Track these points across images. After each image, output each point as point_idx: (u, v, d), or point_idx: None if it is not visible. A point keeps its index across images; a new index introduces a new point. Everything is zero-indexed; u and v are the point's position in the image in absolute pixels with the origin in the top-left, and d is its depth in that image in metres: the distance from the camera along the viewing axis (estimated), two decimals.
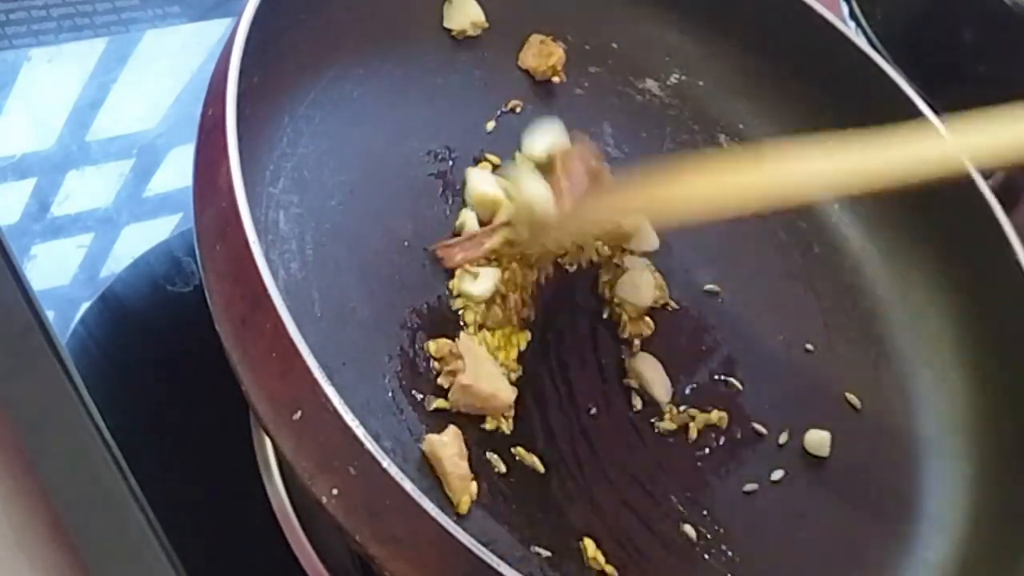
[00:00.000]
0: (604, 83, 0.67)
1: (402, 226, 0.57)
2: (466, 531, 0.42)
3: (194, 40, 0.68)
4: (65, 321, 0.55)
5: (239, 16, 0.51)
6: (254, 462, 0.52)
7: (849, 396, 0.62)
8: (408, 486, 0.42)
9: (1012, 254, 0.62)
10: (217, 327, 0.47)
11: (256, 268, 0.45)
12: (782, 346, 0.63)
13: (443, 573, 0.43)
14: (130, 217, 0.60)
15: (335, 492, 0.44)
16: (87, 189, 0.60)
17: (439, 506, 0.42)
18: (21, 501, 0.52)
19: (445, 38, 0.64)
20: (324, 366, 0.43)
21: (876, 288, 0.67)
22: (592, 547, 0.51)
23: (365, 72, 0.60)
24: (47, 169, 0.60)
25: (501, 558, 0.42)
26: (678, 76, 0.70)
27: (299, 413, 0.44)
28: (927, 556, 0.57)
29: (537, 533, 0.50)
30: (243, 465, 0.52)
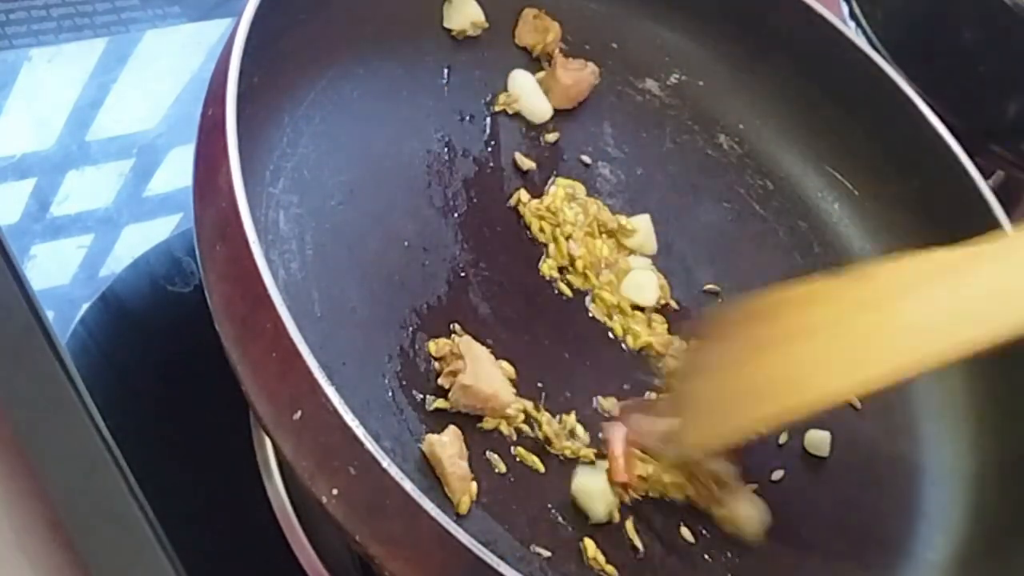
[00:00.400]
0: (604, 83, 0.67)
1: (402, 226, 0.57)
2: (466, 531, 0.42)
3: (194, 40, 0.68)
4: (65, 321, 0.55)
5: (239, 16, 0.51)
6: (254, 462, 0.52)
7: None
8: (408, 486, 0.42)
9: None
10: (217, 327, 0.47)
11: (256, 268, 0.45)
12: None
13: (443, 573, 0.43)
14: (130, 217, 0.60)
15: (335, 492, 0.44)
16: (87, 189, 0.60)
17: (439, 506, 0.42)
18: (21, 502, 0.52)
19: (445, 38, 0.64)
20: (324, 366, 0.43)
21: None
22: (592, 547, 0.51)
23: (365, 72, 0.60)
24: (47, 169, 0.60)
25: (501, 558, 0.42)
26: (678, 76, 0.70)
27: (299, 413, 0.44)
28: (927, 556, 0.57)
29: (537, 533, 0.50)
30: (243, 465, 0.52)
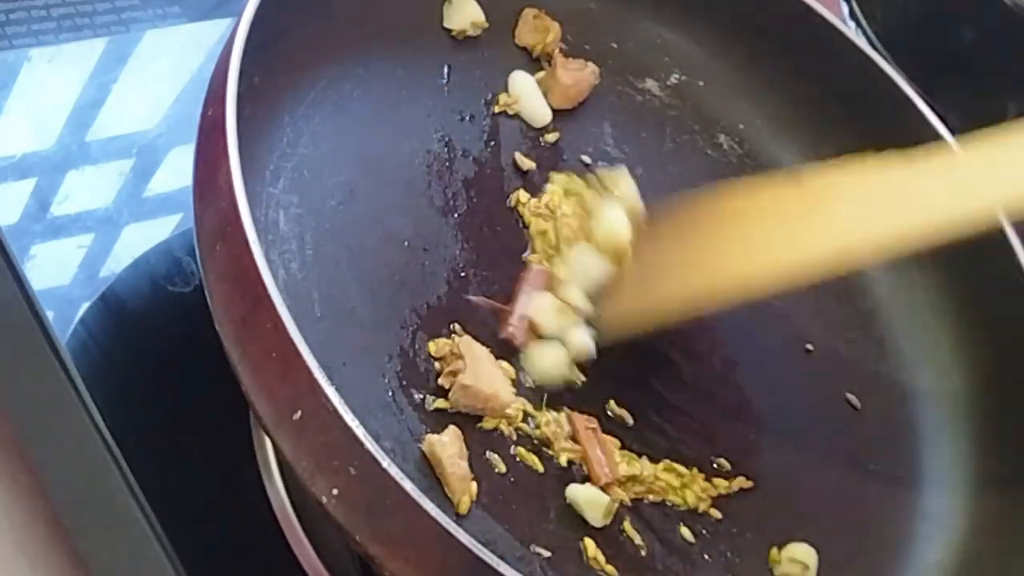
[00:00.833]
0: (604, 83, 0.67)
1: (402, 226, 0.57)
2: (466, 531, 0.42)
3: (194, 40, 0.68)
4: (65, 321, 0.55)
5: (239, 16, 0.51)
6: (254, 462, 0.52)
7: (849, 396, 0.62)
8: (408, 486, 0.42)
9: (1012, 254, 0.62)
10: (217, 327, 0.47)
11: (256, 268, 0.45)
12: (782, 346, 0.63)
13: (443, 573, 0.43)
14: (130, 217, 0.60)
15: (335, 492, 0.44)
16: (87, 189, 0.60)
17: (439, 506, 0.42)
18: (21, 502, 0.52)
19: (445, 38, 0.64)
20: (324, 366, 0.43)
21: (876, 288, 0.67)
22: (592, 547, 0.51)
23: (365, 72, 0.60)
24: (47, 169, 0.60)
25: (501, 558, 0.42)
26: (678, 76, 0.70)
27: (299, 413, 0.44)
28: (927, 556, 0.57)
29: (537, 533, 0.50)
30: (243, 465, 0.52)
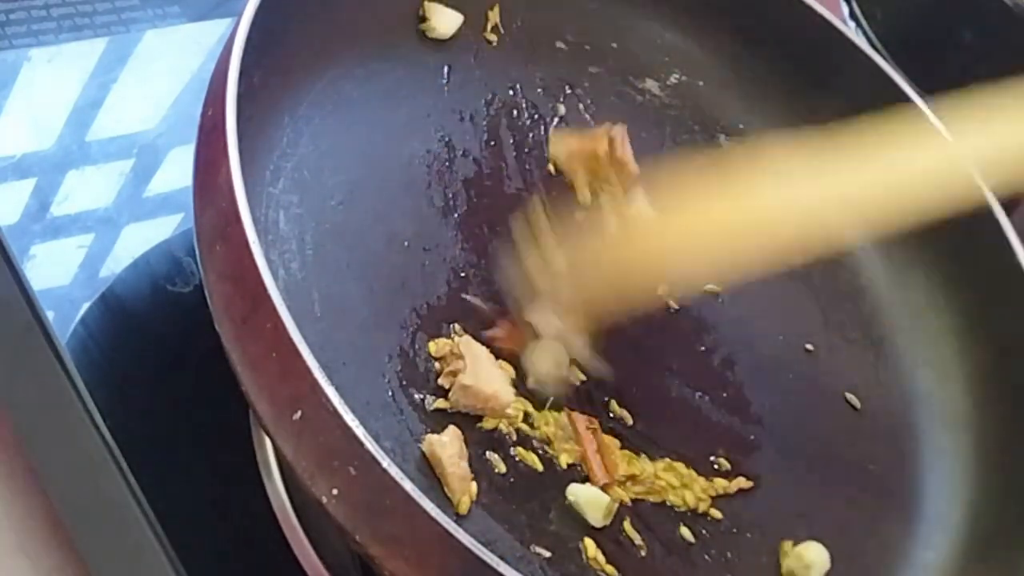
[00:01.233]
0: (604, 83, 0.67)
1: (402, 226, 0.57)
2: (466, 531, 0.42)
3: (194, 40, 0.68)
4: (65, 321, 0.55)
5: (239, 16, 0.51)
6: (254, 462, 0.52)
7: (849, 396, 0.62)
8: (408, 486, 0.42)
9: (1012, 254, 0.62)
10: (217, 327, 0.47)
11: (256, 268, 0.45)
12: (782, 346, 0.63)
13: (443, 573, 0.43)
14: (130, 217, 0.60)
15: (335, 492, 0.44)
16: (87, 189, 0.60)
17: (439, 506, 0.42)
18: (21, 502, 0.52)
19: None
20: (324, 366, 0.43)
21: (876, 288, 0.67)
22: (592, 547, 0.51)
23: (365, 73, 0.60)
24: (47, 169, 0.60)
25: (501, 558, 0.42)
26: (678, 76, 0.70)
27: (299, 413, 0.44)
28: (927, 556, 0.57)
29: (537, 533, 0.50)
30: (243, 465, 0.52)
